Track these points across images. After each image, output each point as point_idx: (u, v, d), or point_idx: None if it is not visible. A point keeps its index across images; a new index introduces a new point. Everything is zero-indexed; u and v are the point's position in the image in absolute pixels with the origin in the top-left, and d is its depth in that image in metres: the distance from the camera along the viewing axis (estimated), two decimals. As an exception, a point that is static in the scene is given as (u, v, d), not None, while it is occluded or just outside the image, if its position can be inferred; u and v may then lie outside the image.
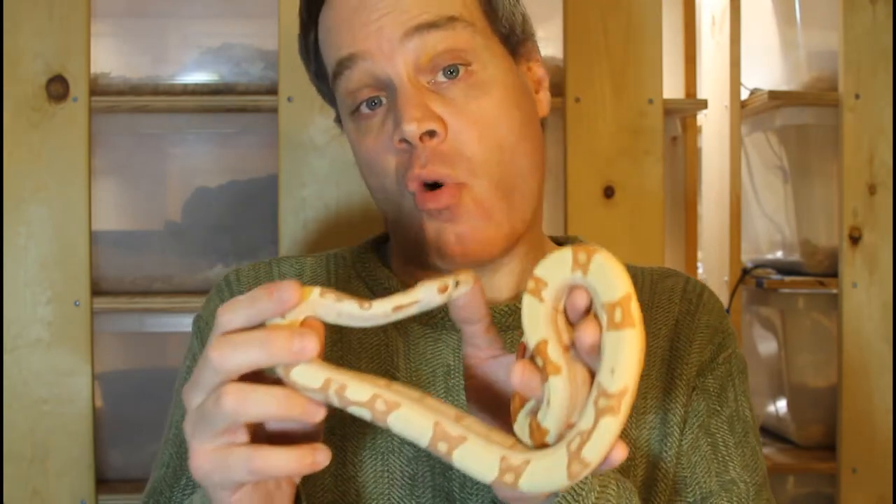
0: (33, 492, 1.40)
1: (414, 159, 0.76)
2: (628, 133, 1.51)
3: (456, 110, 0.77)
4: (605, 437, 0.53)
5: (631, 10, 1.51)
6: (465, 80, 0.78)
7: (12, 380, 1.39)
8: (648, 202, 1.52)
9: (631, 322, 0.53)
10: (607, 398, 0.53)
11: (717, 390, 0.84)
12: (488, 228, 0.78)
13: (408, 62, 0.77)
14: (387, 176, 0.79)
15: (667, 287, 0.89)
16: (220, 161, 1.59)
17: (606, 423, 0.53)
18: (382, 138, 0.78)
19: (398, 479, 0.79)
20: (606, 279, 0.54)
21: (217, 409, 0.55)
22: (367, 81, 0.78)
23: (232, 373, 0.55)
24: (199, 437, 0.56)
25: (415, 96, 0.76)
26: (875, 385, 1.63)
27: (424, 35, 0.76)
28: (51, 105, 1.41)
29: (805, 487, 1.76)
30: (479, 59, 0.78)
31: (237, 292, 0.86)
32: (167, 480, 0.81)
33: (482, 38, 0.79)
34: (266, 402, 0.55)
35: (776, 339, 1.85)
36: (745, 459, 0.83)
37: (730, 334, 0.88)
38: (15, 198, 1.40)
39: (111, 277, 1.53)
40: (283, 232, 1.44)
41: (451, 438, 0.55)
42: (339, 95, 0.81)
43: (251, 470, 0.55)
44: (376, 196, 0.83)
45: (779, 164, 1.82)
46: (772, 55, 1.85)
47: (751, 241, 1.92)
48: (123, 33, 1.59)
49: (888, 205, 1.63)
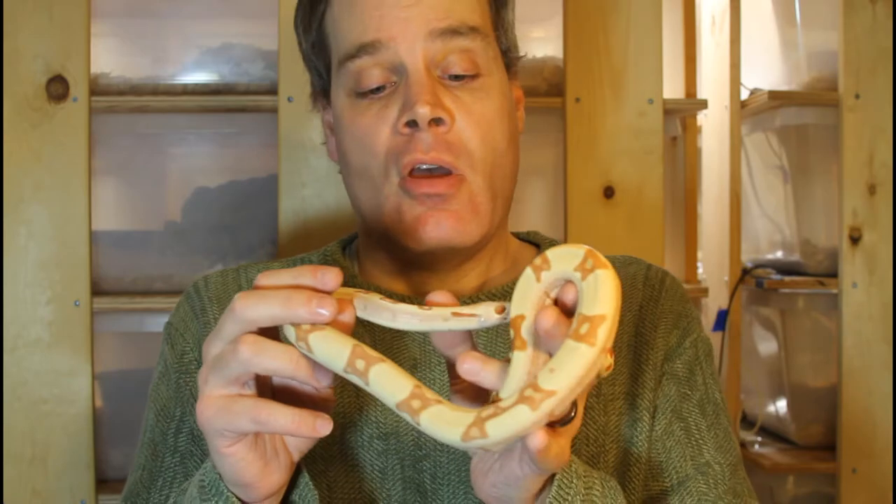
0: (33, 492, 1.40)
1: (415, 143, 0.79)
2: (628, 133, 1.51)
3: (463, 108, 0.81)
4: (511, 422, 0.54)
5: (631, 10, 1.51)
6: (472, 83, 0.82)
7: (12, 380, 1.39)
8: (648, 202, 1.52)
9: (591, 341, 0.54)
10: (534, 391, 0.54)
11: (686, 374, 0.86)
12: (472, 223, 0.81)
13: (426, 55, 0.80)
14: (376, 156, 0.81)
15: (629, 274, 0.91)
16: (220, 161, 1.59)
17: (520, 410, 0.54)
18: (382, 120, 0.81)
19: (368, 472, 0.80)
20: (595, 292, 0.56)
21: (233, 357, 0.58)
22: (382, 65, 0.81)
23: (252, 323, 0.59)
24: (211, 383, 0.60)
25: (429, 83, 0.79)
26: (875, 385, 1.63)
27: (447, 39, 0.81)
28: (51, 105, 1.41)
29: (805, 487, 1.77)
30: (488, 67, 0.83)
31: (206, 299, 0.88)
32: (143, 482, 0.82)
33: (492, 49, 0.84)
34: (279, 356, 0.58)
35: (776, 339, 1.85)
36: (718, 441, 0.84)
37: (694, 318, 0.89)
38: (15, 198, 1.40)
39: (111, 277, 1.53)
40: (283, 232, 1.44)
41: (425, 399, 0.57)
42: (345, 73, 0.83)
43: (254, 419, 0.58)
44: (354, 176, 0.84)
45: (779, 164, 1.82)
46: (772, 55, 1.85)
47: (751, 241, 1.92)
48: (123, 33, 1.59)
49: (888, 205, 1.63)
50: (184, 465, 0.81)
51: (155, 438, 0.84)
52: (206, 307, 0.87)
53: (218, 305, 0.87)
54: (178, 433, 0.82)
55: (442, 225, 0.80)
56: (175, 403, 0.84)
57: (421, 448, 0.80)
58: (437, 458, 0.80)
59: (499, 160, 0.83)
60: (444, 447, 0.80)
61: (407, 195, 0.80)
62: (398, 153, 0.80)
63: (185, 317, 0.87)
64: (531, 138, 1.60)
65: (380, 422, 0.80)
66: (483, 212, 0.81)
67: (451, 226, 0.80)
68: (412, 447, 0.80)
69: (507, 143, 0.84)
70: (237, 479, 0.62)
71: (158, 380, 0.87)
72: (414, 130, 0.79)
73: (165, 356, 0.87)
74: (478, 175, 0.81)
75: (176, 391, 0.84)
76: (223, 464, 0.62)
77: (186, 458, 0.81)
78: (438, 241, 0.80)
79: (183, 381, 0.84)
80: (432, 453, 0.80)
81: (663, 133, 1.53)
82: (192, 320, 0.87)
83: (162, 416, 0.84)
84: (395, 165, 0.80)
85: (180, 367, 0.85)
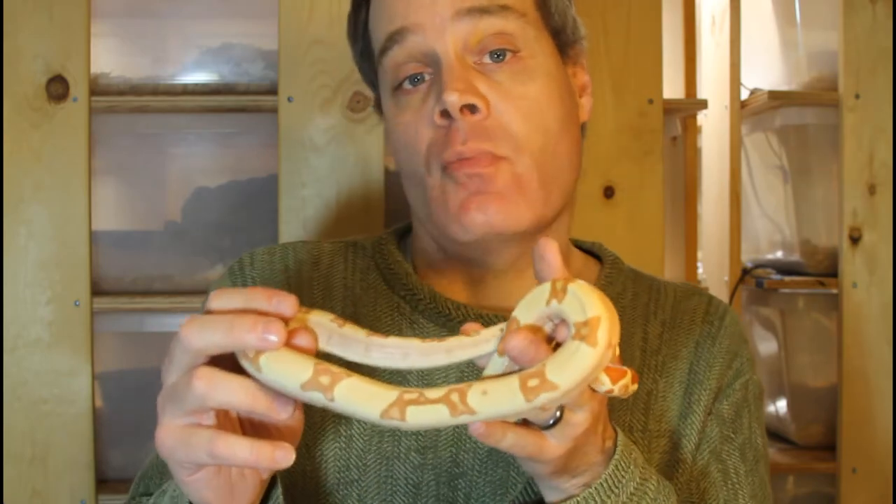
0: (33, 492, 1.40)
1: (453, 134, 0.75)
2: (628, 133, 1.51)
3: (501, 91, 0.76)
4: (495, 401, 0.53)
5: (631, 10, 1.51)
6: (511, 64, 0.77)
7: (12, 380, 1.39)
8: (648, 202, 1.51)
9: (593, 341, 0.53)
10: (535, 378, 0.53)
11: (732, 416, 0.83)
12: (519, 204, 0.76)
13: (456, 40, 0.76)
14: (418, 152, 0.78)
15: (690, 307, 0.88)
16: (220, 161, 1.59)
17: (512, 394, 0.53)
18: (421, 114, 0.77)
19: (402, 486, 0.77)
20: (579, 303, 0.55)
21: (187, 390, 0.56)
22: (415, 56, 0.77)
23: (199, 352, 0.56)
24: (168, 413, 0.57)
25: (459, 71, 0.75)
26: (875, 385, 1.63)
27: (476, 18, 0.76)
28: (51, 105, 1.41)
29: (805, 487, 1.76)
30: (529, 47, 0.78)
31: (249, 277, 0.85)
32: (158, 468, 0.82)
33: (533, 29, 0.79)
34: (234, 391, 0.55)
35: (776, 339, 1.85)
36: (755, 489, 0.82)
37: (748, 359, 0.86)
38: (15, 198, 1.40)
39: (111, 277, 1.53)
40: (283, 232, 1.44)
41: (334, 374, 0.55)
42: (384, 71, 0.80)
43: (211, 453, 0.55)
44: (405, 177, 0.81)
45: (779, 164, 1.82)
46: (772, 55, 1.85)
47: (751, 241, 1.92)
48: (123, 33, 1.59)
49: (888, 205, 1.63)
50: None
51: None
52: (248, 284, 0.84)
53: (261, 284, 0.84)
54: None
55: (487, 208, 0.75)
56: None
57: (458, 465, 0.78)
58: (474, 477, 0.77)
59: (550, 144, 0.77)
60: (482, 467, 0.78)
61: (450, 179, 0.76)
62: (438, 148, 0.76)
63: None
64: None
65: (419, 434, 0.78)
66: (531, 192, 0.76)
67: (497, 208, 0.75)
68: (449, 464, 0.78)
69: (561, 127, 0.78)
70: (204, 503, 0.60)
71: None
72: (450, 122, 0.75)
73: None
74: (523, 155, 0.76)
75: None
76: (188, 490, 0.60)
77: None
78: (485, 226, 0.75)
79: None
80: (469, 472, 0.78)
81: (663, 133, 1.53)
82: None
83: None
84: (436, 161, 0.76)
85: None
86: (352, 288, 0.85)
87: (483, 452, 0.78)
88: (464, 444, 0.78)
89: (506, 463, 0.78)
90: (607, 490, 0.64)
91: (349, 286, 0.86)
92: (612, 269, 0.90)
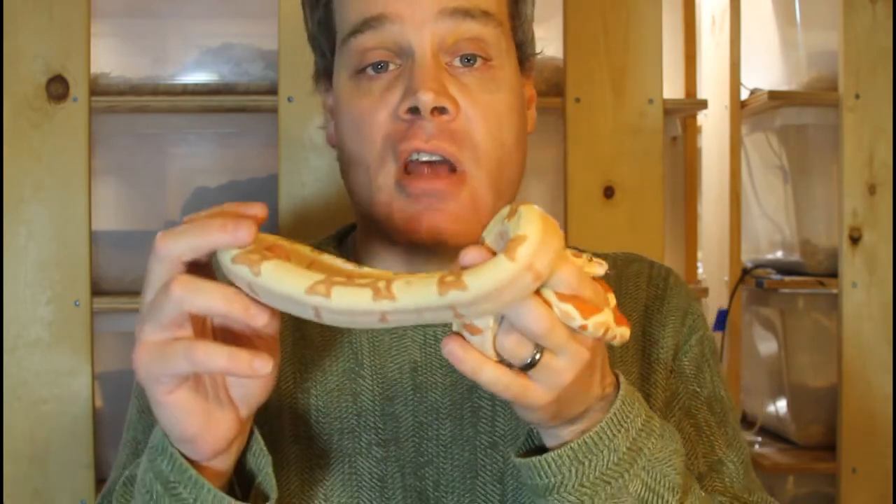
0: (33, 492, 1.40)
1: (416, 130, 0.75)
2: (628, 133, 1.51)
3: (470, 97, 0.76)
4: (414, 291, 0.54)
5: (631, 10, 1.51)
6: (481, 71, 0.78)
7: (12, 380, 1.39)
8: (648, 202, 1.51)
9: (512, 255, 0.54)
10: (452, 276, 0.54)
11: (694, 372, 0.85)
12: (472, 223, 0.76)
13: (435, 36, 0.76)
14: (373, 141, 0.77)
15: (632, 272, 0.89)
16: (220, 161, 1.59)
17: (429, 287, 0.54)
18: (383, 103, 0.76)
19: (366, 481, 0.77)
20: (518, 223, 0.55)
21: (165, 299, 0.56)
22: (387, 44, 0.77)
23: (175, 259, 0.57)
24: (147, 330, 0.58)
25: (434, 69, 0.75)
26: (875, 385, 1.63)
27: (458, 20, 0.76)
28: (51, 105, 1.41)
29: (805, 487, 1.77)
30: (499, 57, 0.79)
31: None
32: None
33: (505, 40, 0.80)
34: (212, 294, 0.56)
35: (776, 339, 1.85)
36: (728, 438, 0.83)
37: (699, 316, 0.88)
38: (15, 198, 1.40)
39: (111, 277, 1.53)
40: (284, 232, 1.44)
41: (267, 256, 0.57)
42: (348, 51, 0.79)
43: (190, 359, 0.56)
44: (349, 161, 0.80)
45: (779, 164, 1.82)
46: (772, 55, 1.85)
47: (751, 241, 1.92)
48: (123, 33, 1.59)
49: (888, 205, 1.63)
50: None
51: (137, 437, 0.83)
52: None
53: None
54: None
55: (438, 227, 0.75)
56: (145, 431, 0.82)
57: (422, 455, 0.78)
58: (440, 464, 0.78)
59: (506, 157, 0.78)
60: (447, 453, 0.78)
61: (402, 193, 0.76)
62: (397, 139, 0.75)
63: None
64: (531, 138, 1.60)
65: (378, 428, 0.78)
66: (485, 212, 0.76)
67: (448, 228, 0.75)
68: (413, 454, 0.78)
69: (516, 141, 0.79)
70: (180, 433, 0.60)
71: (135, 398, 0.85)
72: (415, 117, 0.74)
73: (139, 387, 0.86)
74: (482, 170, 0.76)
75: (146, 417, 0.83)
76: (164, 415, 0.60)
77: None
78: (431, 239, 0.76)
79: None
80: (435, 460, 0.78)
81: (663, 133, 1.53)
82: None
83: (144, 414, 0.83)
84: (391, 152, 0.76)
85: None
86: None
87: (446, 438, 0.78)
88: (426, 433, 0.78)
89: (472, 446, 0.78)
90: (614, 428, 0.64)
91: None
92: None
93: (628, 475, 0.64)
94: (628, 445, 0.64)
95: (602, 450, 0.63)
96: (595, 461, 0.63)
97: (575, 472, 0.63)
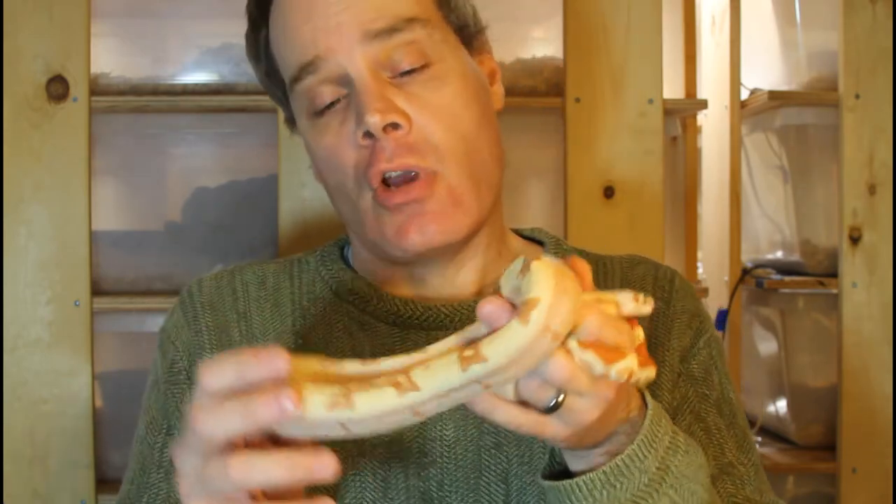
0: (33, 492, 1.40)
1: (377, 153, 0.76)
2: (628, 133, 1.51)
3: (419, 103, 0.77)
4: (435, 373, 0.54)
5: (631, 10, 1.51)
6: (423, 74, 0.78)
7: (12, 380, 1.39)
8: (648, 202, 1.51)
9: (525, 320, 0.54)
10: (471, 350, 0.54)
11: (702, 375, 0.85)
12: (456, 215, 0.78)
13: (367, 59, 0.77)
14: (346, 174, 0.79)
15: (638, 276, 0.89)
16: (220, 161, 1.59)
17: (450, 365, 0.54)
18: (342, 136, 0.78)
19: (370, 481, 0.77)
20: (529, 283, 0.55)
21: (223, 478, 0.53)
22: (330, 79, 0.78)
23: (222, 440, 0.53)
24: (198, 498, 0.55)
25: (376, 89, 0.76)
26: (875, 385, 1.63)
27: (385, 38, 0.77)
28: (51, 105, 1.41)
29: (805, 487, 1.76)
30: (437, 52, 0.79)
31: (198, 305, 0.86)
32: (131, 497, 0.82)
33: (439, 32, 0.80)
34: (272, 469, 0.53)
35: (776, 339, 1.85)
36: (738, 441, 0.83)
37: (706, 318, 0.88)
38: (15, 198, 1.40)
39: (111, 277, 1.53)
40: (283, 232, 1.44)
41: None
42: (298, 96, 0.81)
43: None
44: (334, 195, 0.83)
45: (779, 164, 1.82)
46: (772, 55, 1.85)
47: (751, 241, 1.92)
48: (123, 33, 1.59)
49: (888, 205, 1.63)
50: (168, 481, 0.80)
51: (144, 451, 0.83)
52: (199, 314, 0.86)
53: (211, 312, 0.85)
54: (164, 448, 0.81)
55: (425, 230, 0.77)
56: (162, 416, 0.83)
57: (426, 455, 0.78)
58: (444, 465, 0.78)
59: (471, 145, 0.79)
60: (451, 453, 0.78)
61: (383, 209, 0.77)
62: (364, 167, 0.77)
63: (178, 324, 0.86)
64: (531, 138, 1.60)
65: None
66: (467, 201, 0.78)
67: (436, 228, 0.77)
68: (417, 454, 0.78)
69: (478, 125, 0.80)
70: None
71: (150, 389, 0.86)
72: (373, 141, 0.76)
73: (157, 365, 0.86)
74: (450, 166, 0.77)
75: (164, 403, 0.83)
76: None
77: (171, 474, 0.79)
78: (425, 245, 0.77)
79: (171, 392, 0.83)
80: (439, 460, 0.78)
81: (663, 133, 1.53)
82: (184, 328, 0.85)
83: (151, 428, 0.83)
84: (364, 179, 0.78)
85: (169, 378, 0.84)
86: (299, 302, 0.87)
87: (450, 438, 0.78)
88: (429, 433, 0.78)
89: (476, 446, 0.78)
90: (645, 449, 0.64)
91: (296, 301, 0.87)
92: (556, 249, 0.91)
93: (658, 494, 0.64)
94: (657, 465, 0.64)
95: (633, 472, 0.63)
96: (627, 483, 0.63)
97: (607, 495, 0.63)
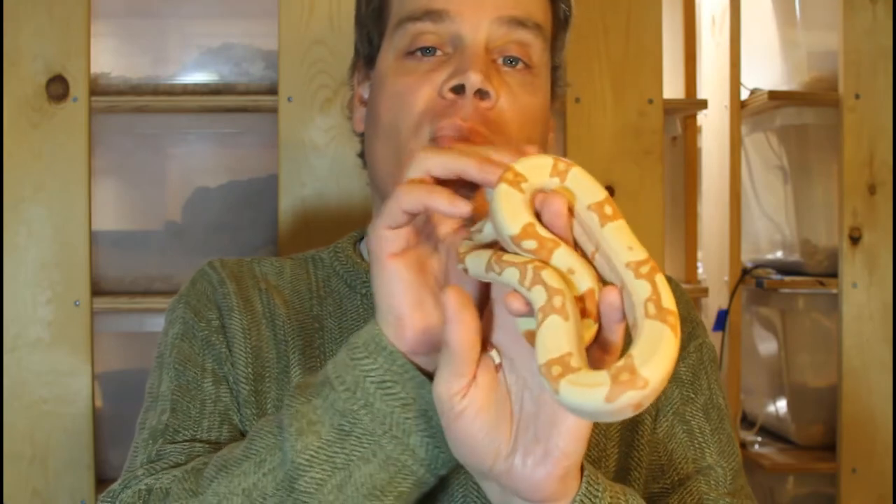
0: (33, 492, 1.40)
1: (456, 109, 0.77)
2: (628, 133, 1.51)
3: (510, 92, 0.79)
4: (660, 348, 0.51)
5: (631, 10, 1.51)
6: (523, 73, 0.81)
7: (12, 380, 1.39)
8: (648, 202, 1.51)
9: (619, 215, 0.55)
10: (641, 265, 0.56)
11: (690, 378, 0.85)
12: None
13: (489, 37, 0.79)
14: (410, 114, 0.79)
15: None
16: (220, 161, 1.59)
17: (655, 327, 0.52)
18: (426, 81, 0.79)
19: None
20: (586, 185, 0.56)
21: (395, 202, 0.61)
22: (441, 35, 0.80)
23: (424, 171, 0.61)
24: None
25: (485, 59, 0.78)
26: (875, 385, 1.63)
27: (513, 27, 0.80)
28: (51, 105, 1.41)
29: (805, 487, 1.77)
30: (539, 67, 0.82)
31: (223, 274, 0.87)
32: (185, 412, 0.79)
33: (546, 55, 0.84)
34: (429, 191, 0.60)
35: (776, 339, 1.85)
36: (722, 446, 0.83)
37: (699, 324, 0.89)
38: (15, 198, 1.40)
39: (111, 277, 1.53)
40: (283, 232, 1.44)
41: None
42: (402, 34, 0.81)
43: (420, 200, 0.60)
44: (380, 136, 0.82)
45: (779, 164, 1.83)
46: (772, 55, 1.85)
47: (751, 241, 1.92)
48: (123, 33, 1.59)
49: (888, 205, 1.63)
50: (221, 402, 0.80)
51: (181, 385, 0.81)
52: (225, 280, 0.86)
53: (235, 283, 0.86)
54: (213, 382, 0.80)
55: None
56: (205, 355, 0.81)
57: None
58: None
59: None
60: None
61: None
62: (436, 114, 0.77)
63: (206, 289, 0.86)
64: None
65: None
66: None
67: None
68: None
69: (537, 143, 0.81)
70: (390, 304, 0.63)
71: (178, 340, 0.83)
72: (458, 97, 0.77)
73: (186, 320, 0.84)
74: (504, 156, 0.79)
75: (205, 346, 0.82)
76: (381, 283, 0.63)
77: (219, 401, 0.79)
78: None
79: (215, 339, 0.82)
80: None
81: (663, 133, 1.53)
82: (213, 291, 0.85)
83: (189, 365, 0.81)
84: (429, 125, 0.77)
85: (209, 328, 0.83)
86: (316, 291, 0.88)
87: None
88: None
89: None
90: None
91: (313, 290, 0.88)
92: None
93: None
94: None
95: None
96: None
97: None
